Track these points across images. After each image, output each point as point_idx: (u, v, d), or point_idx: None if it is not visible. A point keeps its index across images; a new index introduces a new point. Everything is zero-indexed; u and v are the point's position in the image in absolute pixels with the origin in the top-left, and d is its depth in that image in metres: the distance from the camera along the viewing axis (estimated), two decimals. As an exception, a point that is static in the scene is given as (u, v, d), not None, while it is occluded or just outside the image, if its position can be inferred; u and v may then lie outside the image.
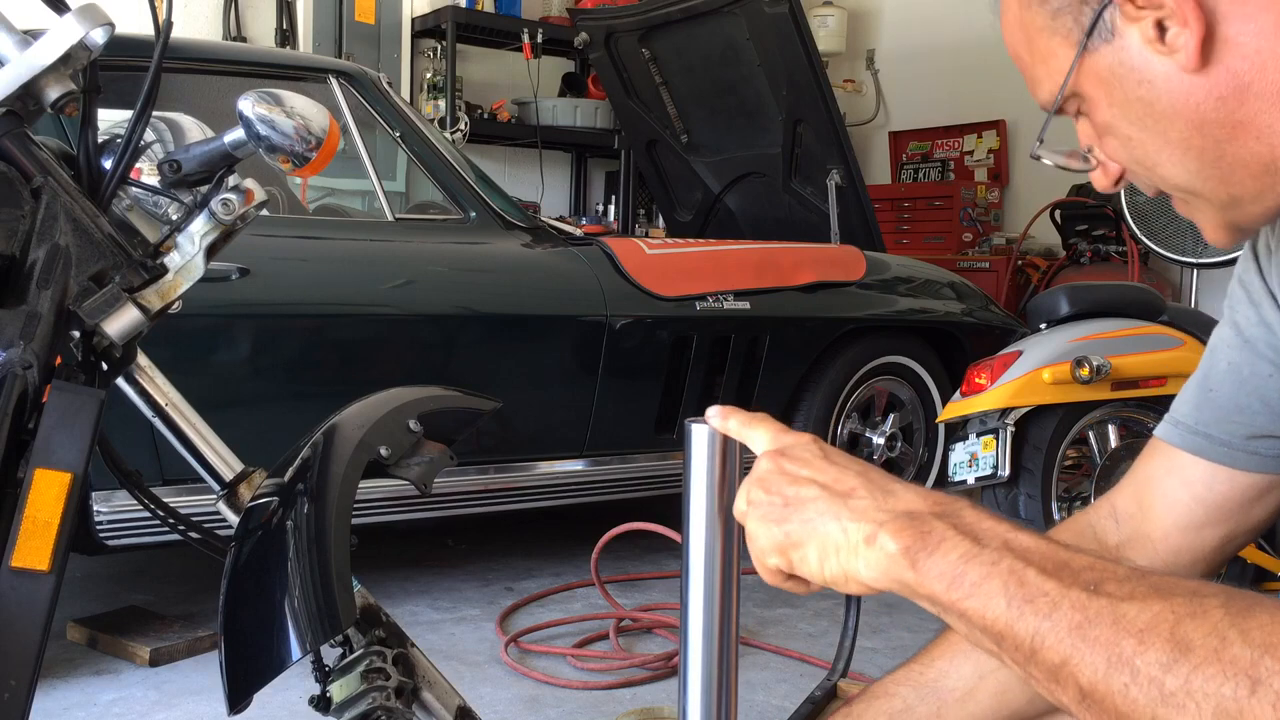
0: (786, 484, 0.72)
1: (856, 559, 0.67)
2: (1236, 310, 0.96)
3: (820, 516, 0.69)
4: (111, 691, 2.32)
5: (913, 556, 0.65)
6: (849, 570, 0.68)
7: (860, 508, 0.68)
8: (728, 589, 0.80)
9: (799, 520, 0.70)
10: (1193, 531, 1.00)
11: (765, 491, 0.72)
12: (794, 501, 0.71)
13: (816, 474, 0.71)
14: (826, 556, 0.69)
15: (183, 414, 1.28)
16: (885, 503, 0.68)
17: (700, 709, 0.80)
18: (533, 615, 2.88)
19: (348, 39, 5.42)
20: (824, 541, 0.69)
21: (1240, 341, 0.96)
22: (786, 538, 0.71)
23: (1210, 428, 0.97)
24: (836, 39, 7.03)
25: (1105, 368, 2.82)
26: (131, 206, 1.15)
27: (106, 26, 1.03)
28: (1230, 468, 0.97)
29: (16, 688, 0.95)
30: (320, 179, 3.94)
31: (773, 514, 0.72)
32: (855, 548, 0.67)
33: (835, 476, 0.71)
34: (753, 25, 4.10)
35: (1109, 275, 5.33)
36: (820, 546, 0.69)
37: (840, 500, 0.69)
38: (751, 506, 0.73)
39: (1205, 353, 1.00)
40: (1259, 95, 0.72)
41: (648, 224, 6.26)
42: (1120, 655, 0.57)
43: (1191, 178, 0.77)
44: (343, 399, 1.35)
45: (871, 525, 0.67)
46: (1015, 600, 0.61)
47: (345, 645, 1.37)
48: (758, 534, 0.72)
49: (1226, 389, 0.97)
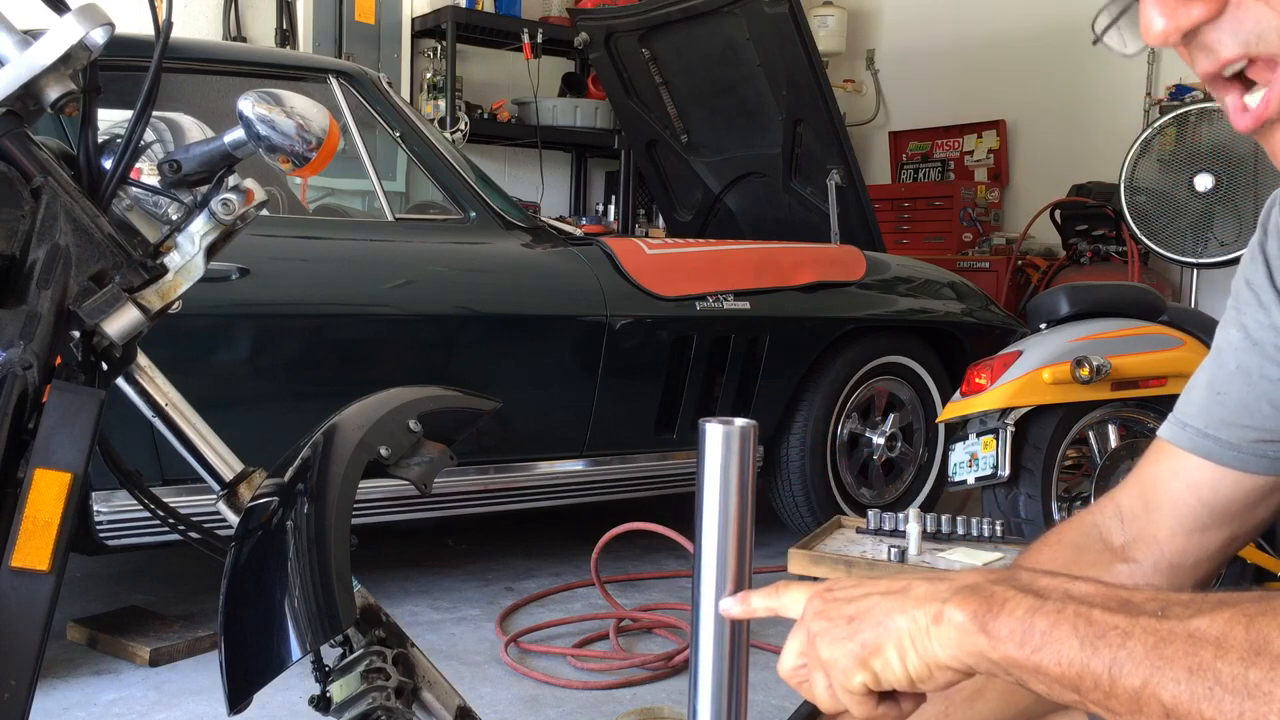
0: (844, 605, 0.71)
1: (931, 642, 0.67)
2: (1245, 313, 0.95)
3: (889, 616, 0.69)
4: (111, 691, 2.32)
5: (981, 621, 0.65)
6: (927, 657, 0.67)
7: (921, 594, 0.68)
8: (740, 589, 0.80)
9: (869, 626, 0.69)
10: (1198, 534, 0.99)
11: (826, 620, 0.71)
12: (858, 616, 0.70)
13: (870, 589, 0.71)
14: (906, 652, 0.68)
15: (183, 414, 1.28)
16: (943, 584, 0.68)
17: (710, 710, 0.80)
18: (533, 615, 2.88)
19: (348, 39, 5.42)
20: (899, 638, 0.68)
21: (1249, 344, 0.95)
22: (863, 648, 0.69)
23: (1219, 431, 0.96)
24: (836, 39, 7.03)
25: (1105, 368, 2.82)
26: (131, 206, 1.14)
27: (106, 26, 1.03)
28: (1237, 470, 0.96)
29: (16, 688, 0.95)
30: (320, 179, 3.94)
31: (841, 632, 0.70)
32: (927, 631, 0.67)
33: (887, 585, 0.70)
34: (753, 25, 4.10)
35: (1109, 275, 5.33)
36: (897, 644, 0.68)
37: (900, 595, 0.69)
38: (817, 638, 0.71)
39: (1211, 354, 0.99)
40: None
41: (648, 224, 6.26)
42: (1200, 664, 0.58)
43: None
44: (343, 399, 1.35)
45: (936, 604, 0.67)
46: (1087, 639, 0.61)
47: (345, 645, 1.37)
48: (835, 658, 0.70)
49: (1235, 392, 0.96)
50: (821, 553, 1.99)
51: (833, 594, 0.72)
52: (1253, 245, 0.96)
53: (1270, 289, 0.93)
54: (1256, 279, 0.95)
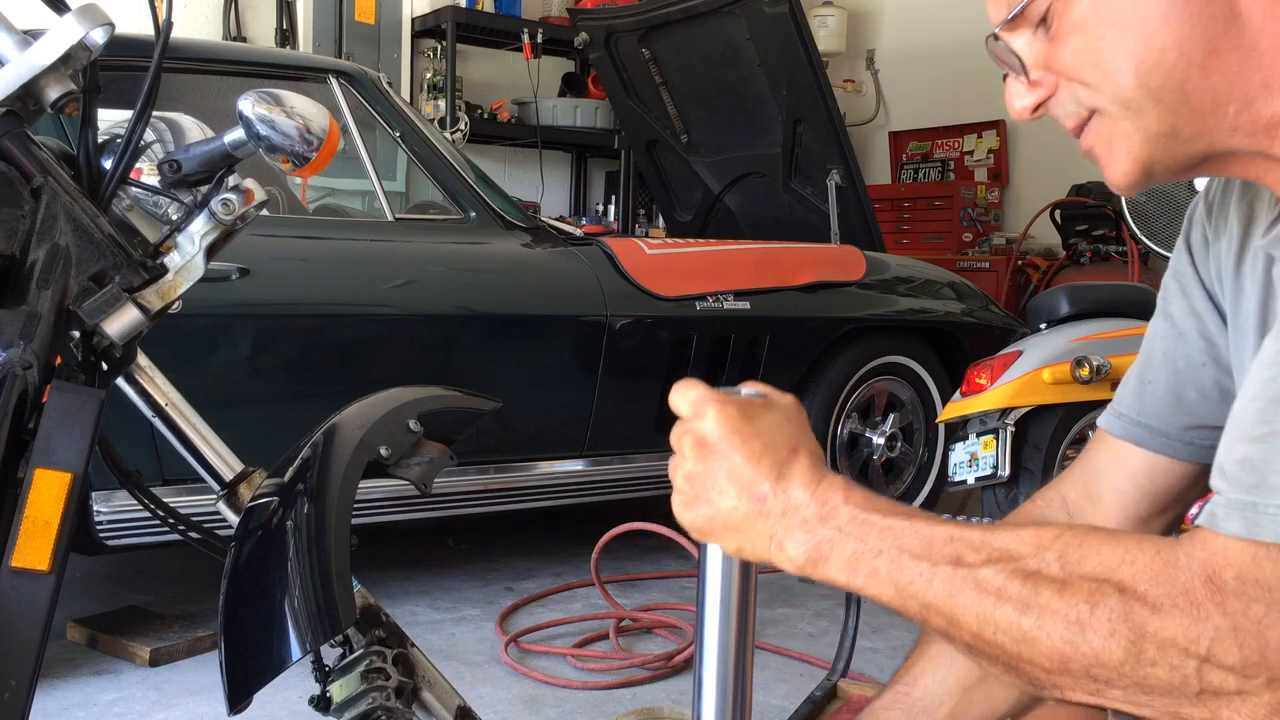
0: (707, 487, 0.78)
1: (769, 556, 0.78)
2: (1170, 303, 0.98)
3: (736, 528, 0.78)
4: (111, 691, 2.32)
5: (812, 563, 0.76)
6: (765, 560, 0.78)
7: (764, 529, 0.77)
8: (745, 589, 0.80)
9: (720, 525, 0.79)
10: (1141, 523, 1.02)
11: (689, 487, 0.79)
12: (713, 514, 0.79)
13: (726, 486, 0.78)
14: (743, 552, 0.79)
15: (183, 414, 1.28)
16: (786, 515, 0.77)
17: (714, 709, 0.80)
18: (533, 615, 2.88)
19: (348, 39, 5.42)
20: (740, 544, 0.79)
21: (1174, 333, 0.98)
22: (712, 530, 0.79)
23: (1150, 419, 0.99)
24: (836, 39, 7.03)
25: (1105, 368, 2.82)
26: (131, 206, 1.14)
27: (106, 26, 1.03)
28: (1169, 457, 0.99)
29: (16, 688, 0.95)
30: (320, 179, 3.94)
31: (699, 510, 0.79)
32: (767, 551, 0.78)
33: (740, 488, 0.77)
34: (753, 25, 4.10)
35: (1109, 275, 5.33)
36: (738, 547, 0.79)
37: (748, 515, 0.77)
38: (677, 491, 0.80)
39: (1143, 345, 1.02)
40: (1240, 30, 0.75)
41: (648, 224, 6.26)
42: (984, 614, 0.71)
43: (1146, 95, 0.77)
44: (343, 399, 1.36)
45: (778, 537, 0.77)
46: (899, 584, 0.74)
47: (345, 645, 1.37)
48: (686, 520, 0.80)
49: (1163, 380, 0.99)
50: (821, 553, 2.00)
51: (704, 458, 0.78)
52: (1179, 240, 0.99)
53: (1193, 276, 0.96)
54: (1181, 268, 0.98)
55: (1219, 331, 0.94)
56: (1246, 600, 0.65)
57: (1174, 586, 0.66)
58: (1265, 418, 0.68)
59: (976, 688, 1.03)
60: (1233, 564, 0.66)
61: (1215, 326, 0.95)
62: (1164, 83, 0.76)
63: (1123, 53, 0.76)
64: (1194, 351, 0.96)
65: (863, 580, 0.75)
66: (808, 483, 0.77)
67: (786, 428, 0.80)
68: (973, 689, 1.03)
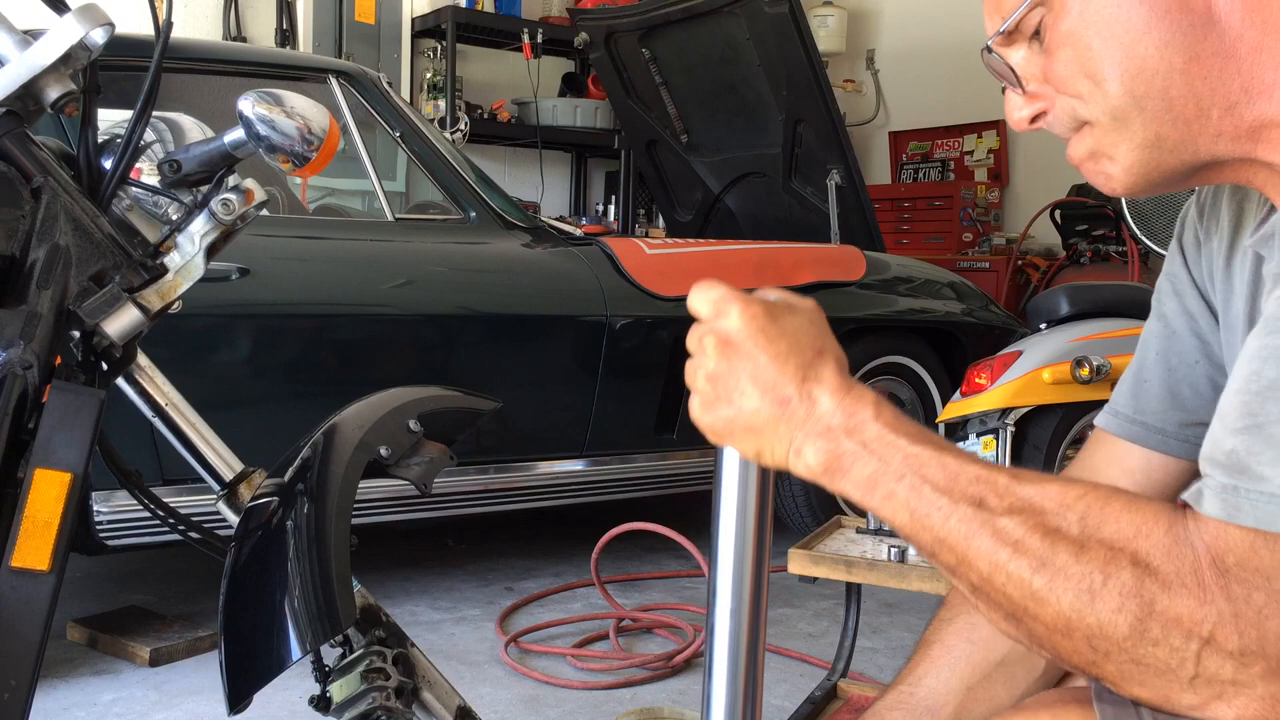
0: (729, 387, 0.77)
1: (785, 462, 0.77)
2: (1164, 302, 1.00)
3: (757, 431, 0.77)
4: (111, 691, 2.32)
5: (830, 474, 0.76)
6: (781, 466, 0.77)
7: (784, 431, 0.76)
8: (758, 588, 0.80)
9: (740, 428, 0.77)
10: None
11: (710, 387, 0.78)
12: (735, 414, 0.77)
13: (750, 388, 0.76)
14: (762, 456, 0.78)
15: (183, 414, 1.28)
16: (809, 419, 0.76)
17: (724, 708, 0.79)
18: (533, 615, 2.88)
19: (348, 39, 5.42)
20: (759, 447, 0.77)
21: (1168, 332, 0.99)
22: (730, 432, 0.78)
23: (1146, 416, 1.00)
24: (836, 39, 7.03)
25: (1105, 368, 2.82)
26: (131, 206, 1.14)
27: (106, 26, 1.03)
28: (1165, 454, 1.00)
29: (16, 688, 0.95)
30: (320, 179, 3.94)
31: (719, 410, 0.78)
32: (785, 457, 0.77)
33: (764, 388, 0.76)
34: (753, 25, 4.10)
35: (1109, 275, 5.33)
36: (756, 451, 0.78)
37: (771, 419, 0.76)
38: (697, 392, 0.79)
39: (1138, 345, 1.03)
40: (1219, 36, 0.76)
41: (648, 224, 6.26)
42: (997, 562, 0.70)
43: (1132, 103, 0.79)
44: (343, 399, 1.35)
45: (797, 441, 0.76)
46: (916, 513, 0.73)
47: (345, 645, 1.37)
48: (705, 423, 0.79)
49: (1158, 378, 1.00)
50: (821, 553, 1.99)
51: (727, 357, 0.77)
52: (1173, 241, 1.00)
53: (1185, 276, 0.97)
54: (1174, 269, 0.99)
55: (1211, 330, 0.96)
56: (1248, 587, 0.65)
57: (1184, 564, 0.66)
58: (1249, 410, 0.69)
59: (980, 687, 1.03)
60: (1233, 550, 0.66)
61: (1207, 325, 0.96)
62: (1147, 90, 0.78)
63: (1109, 61, 0.79)
64: (1187, 350, 0.98)
65: (878, 501, 0.74)
66: (835, 389, 0.76)
67: (811, 330, 0.78)
68: (976, 689, 1.04)
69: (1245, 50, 0.76)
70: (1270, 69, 0.76)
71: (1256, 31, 0.76)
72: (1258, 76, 0.77)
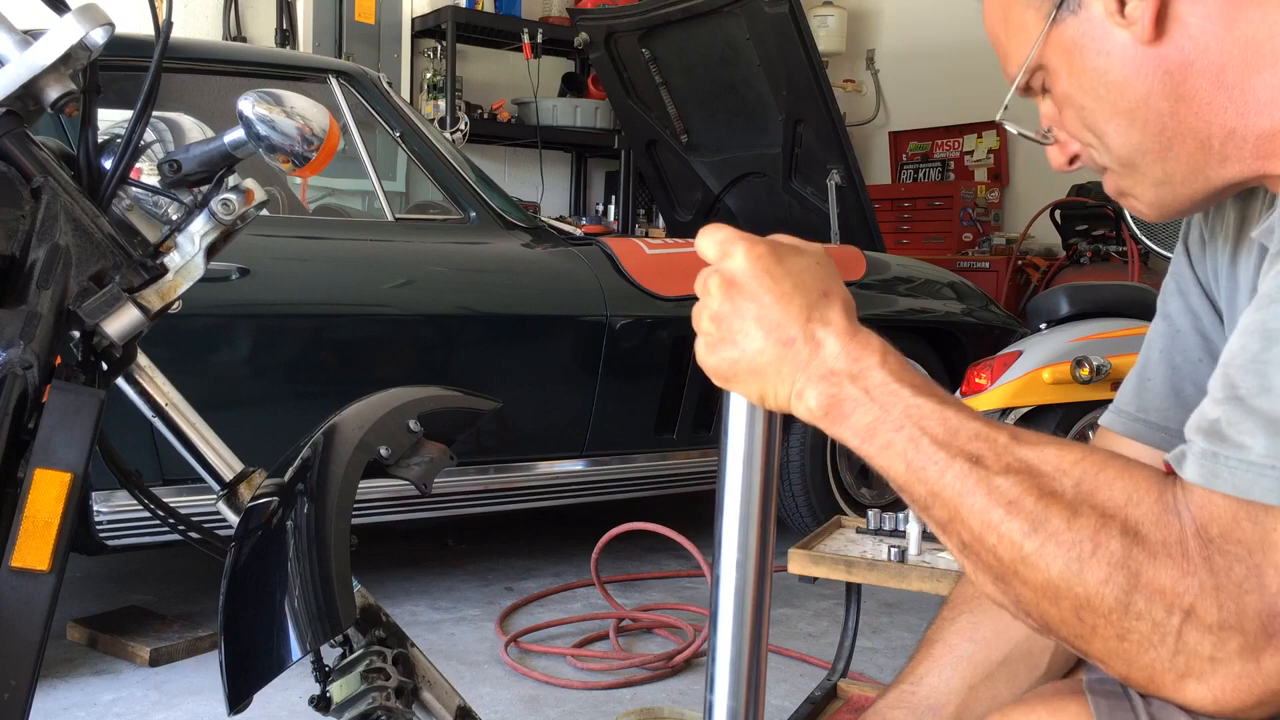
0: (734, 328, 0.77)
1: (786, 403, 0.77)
2: (1168, 302, 1.01)
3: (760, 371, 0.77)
4: (111, 691, 2.32)
5: (830, 417, 0.75)
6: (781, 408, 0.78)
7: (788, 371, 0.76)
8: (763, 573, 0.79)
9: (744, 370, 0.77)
10: None
11: (715, 328, 0.78)
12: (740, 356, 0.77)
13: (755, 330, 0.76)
14: (765, 398, 0.78)
15: (183, 414, 1.28)
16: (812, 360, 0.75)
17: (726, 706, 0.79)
18: (533, 615, 2.88)
19: (348, 39, 5.42)
20: (761, 389, 0.77)
21: (1171, 331, 1.00)
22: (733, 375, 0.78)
23: (1150, 414, 1.01)
24: (836, 39, 7.03)
25: (1105, 368, 2.82)
26: (131, 206, 1.14)
27: (106, 26, 1.03)
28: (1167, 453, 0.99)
29: (16, 688, 0.95)
30: (320, 179, 3.94)
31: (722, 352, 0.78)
32: (787, 400, 0.76)
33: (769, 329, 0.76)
34: (753, 25, 4.10)
35: (1109, 275, 5.33)
36: (759, 393, 0.77)
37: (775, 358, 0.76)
38: (702, 335, 0.79)
39: (1143, 345, 1.04)
40: (1200, 74, 0.78)
41: (648, 224, 6.26)
42: (990, 522, 0.69)
43: (1133, 150, 0.82)
44: (343, 399, 1.35)
45: (799, 383, 0.76)
46: (912, 465, 0.72)
47: (345, 645, 1.37)
48: (709, 364, 0.79)
49: (1161, 377, 1.00)
50: (821, 553, 1.99)
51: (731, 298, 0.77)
52: (1178, 242, 1.01)
53: (1190, 275, 0.98)
54: (1179, 269, 1.00)
55: (1215, 328, 0.96)
56: (1230, 559, 0.65)
57: (1170, 534, 0.66)
58: (1231, 382, 0.70)
59: (982, 686, 1.03)
60: (1216, 520, 0.66)
61: (1211, 323, 0.96)
62: (1142, 139, 0.81)
63: (1102, 117, 0.82)
64: (1190, 348, 0.98)
65: (875, 450, 0.74)
66: (841, 332, 0.76)
67: (817, 270, 0.78)
68: (979, 688, 1.04)
69: (1232, 77, 0.77)
70: (1263, 87, 0.77)
71: (1239, 53, 0.76)
72: (1251, 97, 0.77)
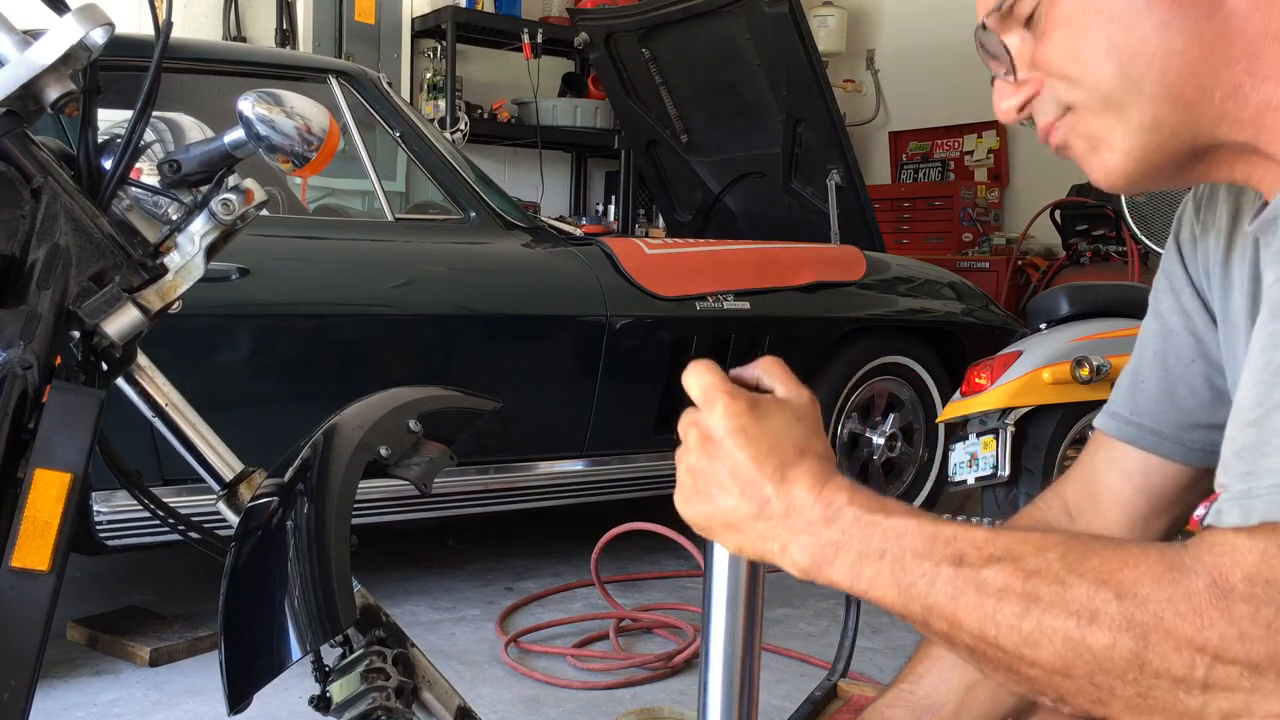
0: (711, 485, 0.77)
1: (772, 560, 0.76)
2: (1160, 301, 0.99)
3: (740, 530, 0.76)
4: (111, 691, 2.32)
5: (817, 568, 0.74)
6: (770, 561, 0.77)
7: (757, 533, 0.76)
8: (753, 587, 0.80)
9: (721, 525, 0.77)
10: (1141, 523, 1.02)
11: (692, 481, 0.77)
12: (715, 511, 0.77)
13: (730, 487, 0.76)
14: (743, 550, 0.77)
15: (183, 414, 1.28)
16: (777, 525, 0.75)
17: (720, 709, 0.79)
18: (533, 615, 2.88)
19: (348, 39, 5.42)
20: (740, 544, 0.77)
21: (1164, 331, 0.98)
22: (710, 528, 0.78)
23: (1144, 417, 1.00)
24: (836, 39, 7.03)
25: (1105, 368, 2.82)
26: (131, 206, 1.14)
27: (106, 26, 1.02)
28: (1164, 458, 1.00)
29: (16, 688, 0.95)
30: (320, 179, 3.94)
31: (701, 505, 0.77)
32: (763, 554, 0.76)
33: (728, 504, 0.76)
34: (753, 25, 4.10)
35: (1109, 275, 5.33)
36: (739, 547, 0.77)
37: (734, 529, 0.76)
38: (680, 485, 0.79)
39: (1135, 345, 1.02)
40: (1226, 18, 0.75)
41: (648, 224, 6.26)
42: (986, 615, 0.68)
43: (1128, 86, 0.77)
44: (343, 399, 1.35)
45: (782, 541, 0.75)
46: (902, 585, 0.71)
47: (345, 645, 1.37)
48: (688, 515, 0.79)
49: (1154, 378, 0.99)
50: (821, 553, 2.00)
51: (708, 454, 0.77)
52: (1169, 239, 0.99)
53: (1182, 274, 0.97)
54: (1171, 267, 0.98)
55: (1207, 328, 0.95)
56: (1256, 604, 0.61)
57: (1176, 590, 0.63)
58: (1259, 400, 0.68)
59: (981, 686, 1.03)
60: (1241, 564, 0.62)
61: (1203, 323, 0.95)
62: (1145, 71, 0.76)
63: (1105, 43, 0.77)
64: (1183, 349, 0.97)
65: (866, 583, 0.73)
66: (812, 484, 0.75)
67: (797, 428, 0.77)
68: (977, 687, 1.03)
69: (1252, 33, 0.75)
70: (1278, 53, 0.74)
71: (1263, 14, 0.74)
72: (1264, 60, 0.75)
